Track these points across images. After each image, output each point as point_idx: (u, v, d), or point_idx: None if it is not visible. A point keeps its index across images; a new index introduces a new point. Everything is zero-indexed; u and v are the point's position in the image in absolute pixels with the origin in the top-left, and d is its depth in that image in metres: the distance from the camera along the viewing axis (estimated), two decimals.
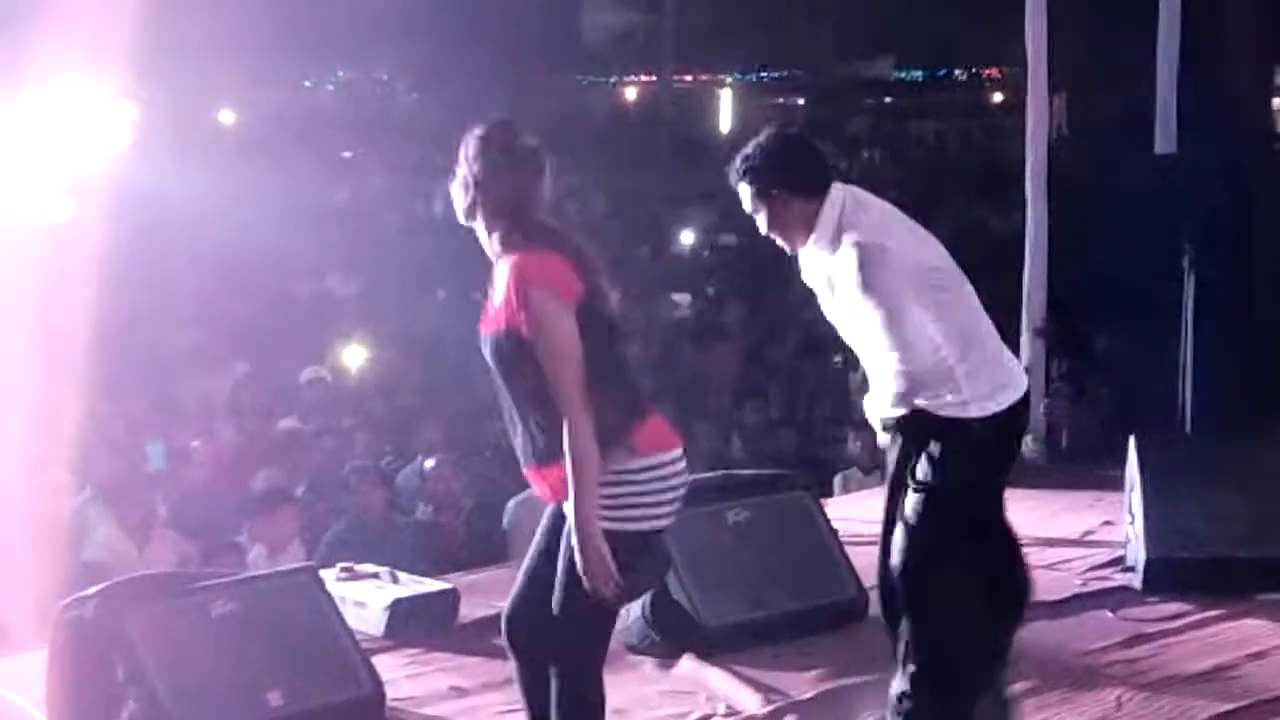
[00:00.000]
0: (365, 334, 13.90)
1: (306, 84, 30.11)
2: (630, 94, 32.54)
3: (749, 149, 5.55)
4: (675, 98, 30.39)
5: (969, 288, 5.61)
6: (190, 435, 11.49)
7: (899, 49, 30.88)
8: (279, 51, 23.67)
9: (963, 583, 5.53)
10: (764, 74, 32.59)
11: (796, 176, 5.52)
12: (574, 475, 4.79)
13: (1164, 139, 11.16)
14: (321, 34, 24.00)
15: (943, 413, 5.47)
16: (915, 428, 5.53)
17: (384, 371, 13.56)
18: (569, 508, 4.85)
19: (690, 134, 28.68)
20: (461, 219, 5.05)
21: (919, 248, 5.54)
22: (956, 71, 31.70)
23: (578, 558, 4.83)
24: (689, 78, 31.52)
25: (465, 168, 5.01)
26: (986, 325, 5.59)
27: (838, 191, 5.51)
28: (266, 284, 15.53)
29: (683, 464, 5.01)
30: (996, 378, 5.53)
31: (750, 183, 5.53)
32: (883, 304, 5.37)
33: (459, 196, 5.03)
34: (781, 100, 33.11)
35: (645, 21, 29.03)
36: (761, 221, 5.59)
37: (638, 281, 14.90)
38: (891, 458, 5.70)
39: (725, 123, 32.19)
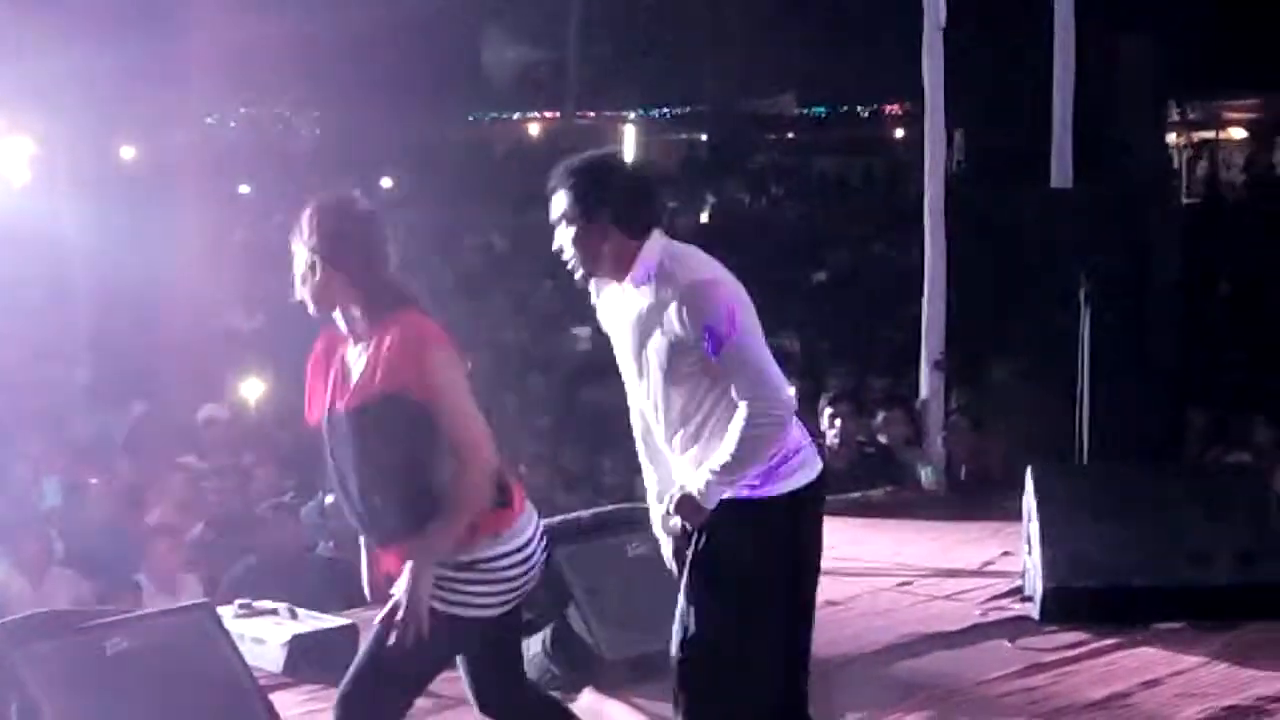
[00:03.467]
0: (265, 369, 13.82)
1: (209, 120, 29.92)
2: (533, 130, 32.55)
3: (581, 162, 5.12)
4: (578, 134, 30.41)
5: None
6: (87, 473, 11.37)
7: (801, 86, 31.02)
8: (182, 87, 23.52)
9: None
10: (667, 110, 32.65)
11: (629, 209, 5.07)
12: (447, 522, 4.69)
13: (1059, 174, 11.29)
14: (225, 69, 23.88)
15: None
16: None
17: (285, 407, 13.48)
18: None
19: None
20: (313, 308, 4.85)
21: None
22: (859, 108, 31.85)
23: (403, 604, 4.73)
24: (592, 114, 31.55)
25: (306, 249, 4.81)
26: None
27: (659, 236, 5.09)
28: (166, 320, 15.41)
29: (538, 542, 4.90)
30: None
31: (575, 200, 5.05)
32: (740, 344, 4.97)
33: (306, 283, 4.84)
34: (684, 135, 33.19)
35: (547, 58, 29.05)
36: (566, 239, 5.09)
37: (540, 316, 14.90)
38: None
39: (628, 158, 32.24)
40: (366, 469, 4.78)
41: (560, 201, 5.08)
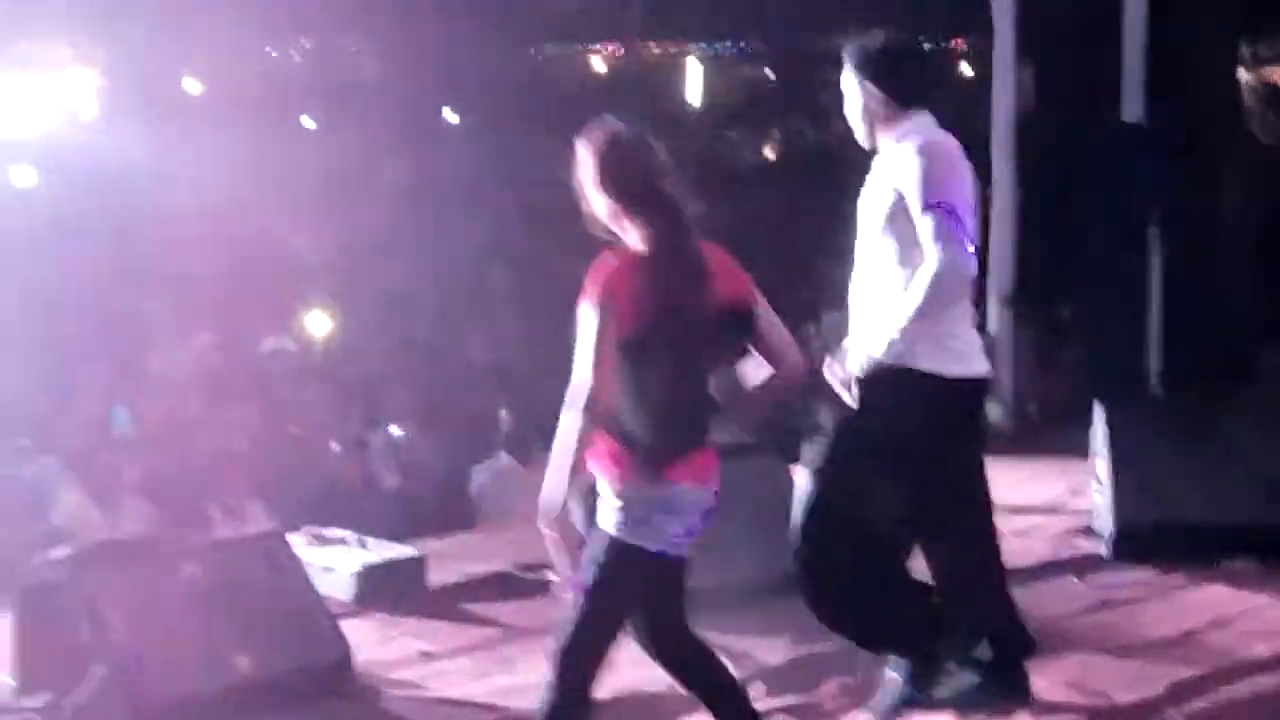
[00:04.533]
0: (333, 300, 13.86)
1: (271, 52, 29.90)
2: (597, 64, 32.41)
3: (870, 40, 5.75)
4: (643, 68, 30.31)
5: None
6: (157, 402, 11.44)
7: (865, 22, 30.81)
8: (243, 18, 23.51)
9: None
10: (732, 45, 32.48)
11: (895, 80, 5.64)
12: None
13: (1130, 108, 11.18)
14: (287, 4, 23.87)
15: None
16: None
17: (351, 338, 13.54)
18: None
19: (659, 104, 28.59)
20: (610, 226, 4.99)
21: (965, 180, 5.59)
22: (925, 44, 31.60)
23: None
24: (656, 48, 31.41)
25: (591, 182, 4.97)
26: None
27: (927, 116, 5.62)
28: (232, 253, 15.46)
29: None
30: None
31: (857, 67, 5.70)
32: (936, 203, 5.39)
33: (599, 210, 4.98)
34: (749, 72, 33.01)
35: None
36: (852, 107, 5.74)
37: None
38: None
39: (694, 93, 32.12)
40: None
41: (846, 72, 5.82)
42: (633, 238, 4.91)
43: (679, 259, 4.87)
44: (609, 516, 4.83)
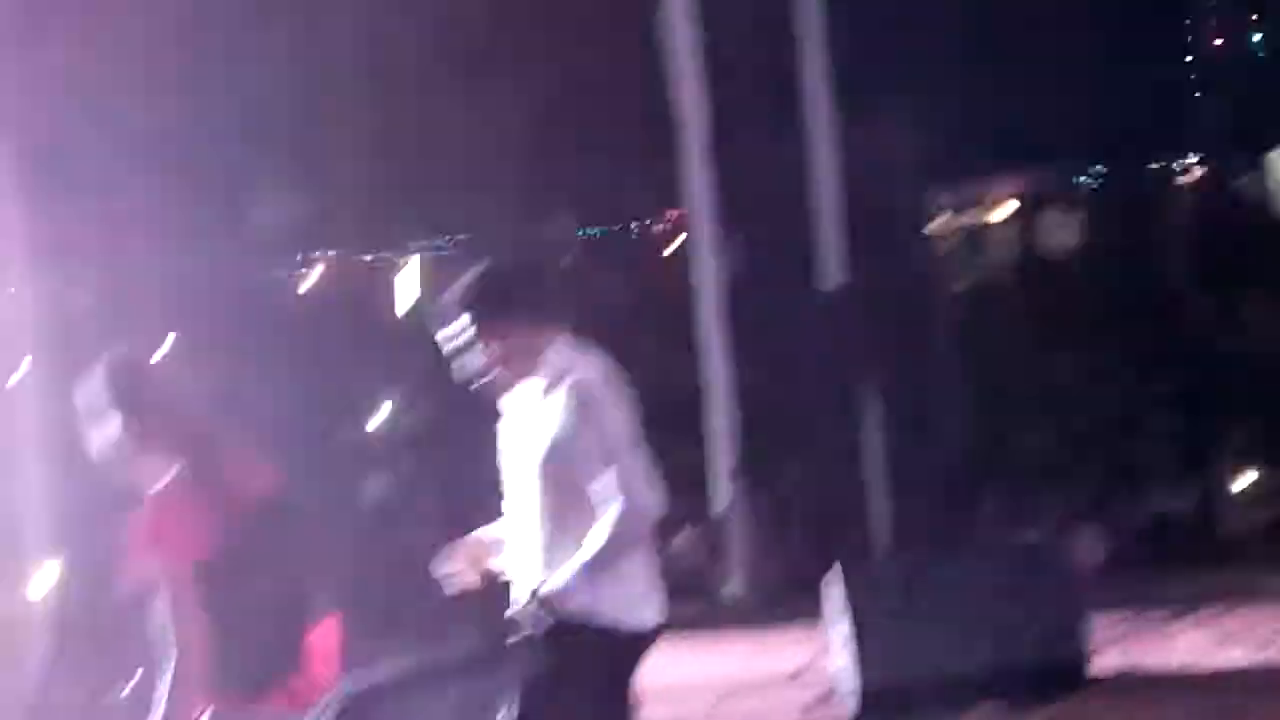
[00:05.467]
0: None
1: None
2: (312, 279, 32.23)
3: (467, 279, 5.15)
4: (364, 273, 30.21)
5: None
6: None
7: (576, 205, 31.12)
8: None
9: None
10: (449, 239, 32.53)
11: (524, 306, 5.14)
12: None
13: (833, 273, 11.38)
14: None
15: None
16: None
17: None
18: None
19: (373, 311, 28.45)
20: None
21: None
22: (633, 223, 32.03)
23: None
24: (372, 255, 31.33)
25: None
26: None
27: (561, 331, 5.14)
28: None
29: None
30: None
31: (474, 315, 5.09)
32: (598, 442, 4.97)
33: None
34: (469, 266, 33.08)
35: (316, 205, 28.87)
36: (479, 356, 5.12)
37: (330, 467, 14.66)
38: None
39: (412, 297, 32.04)
40: None
41: (456, 327, 5.13)
42: (148, 467, 4.80)
43: (209, 468, 4.78)
44: None
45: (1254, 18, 18.90)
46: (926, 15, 12.01)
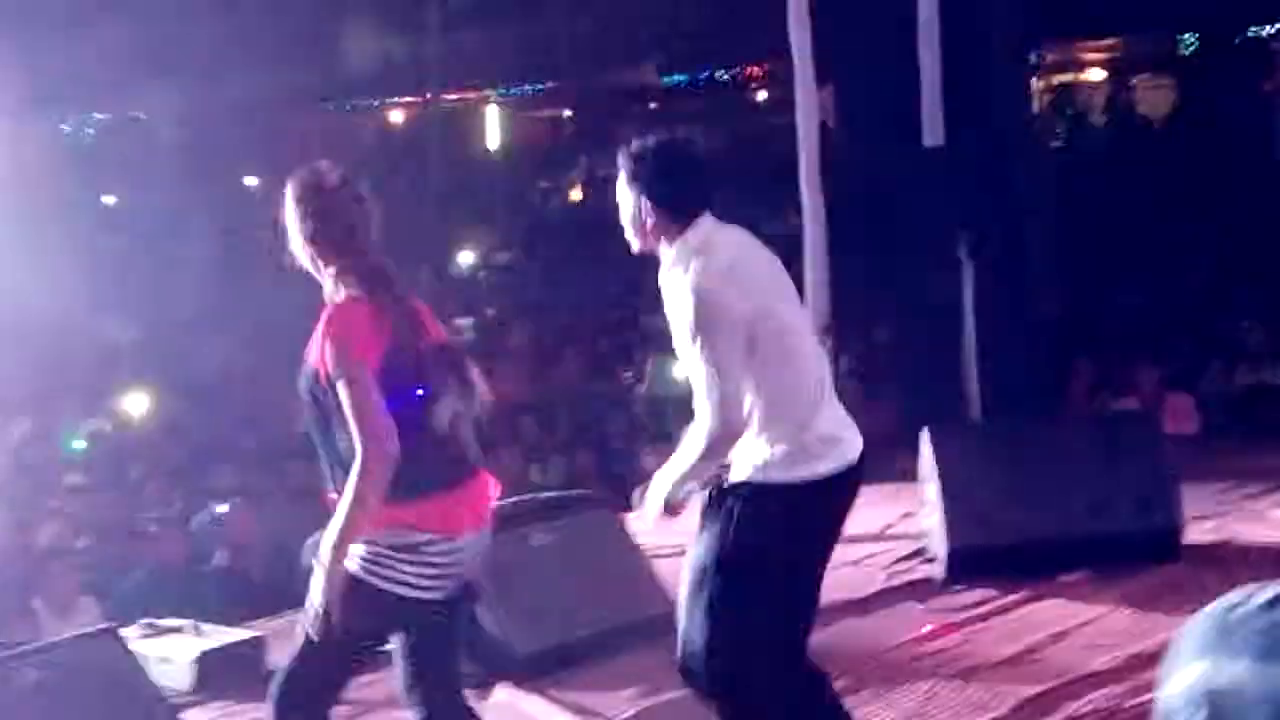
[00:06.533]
0: (147, 381, 13.65)
1: (65, 127, 29.48)
2: (396, 118, 32.34)
3: (640, 145, 5.24)
4: (442, 118, 30.28)
5: (806, 340, 5.29)
6: None
7: (660, 53, 31.03)
8: (33, 94, 23.14)
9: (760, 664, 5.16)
10: (528, 87, 32.55)
11: (668, 190, 5.18)
12: (347, 501, 4.73)
13: (931, 132, 11.30)
14: (74, 74, 23.52)
15: (744, 475, 5.12)
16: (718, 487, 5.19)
17: (170, 418, 13.32)
18: None
19: (460, 154, 28.58)
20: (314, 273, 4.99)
21: (760, 294, 5.13)
22: (719, 72, 31.90)
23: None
24: (454, 97, 31.39)
25: (290, 223, 4.95)
26: (812, 387, 5.16)
27: (704, 221, 5.14)
28: (40, 336, 15.17)
29: (452, 554, 4.88)
30: (808, 445, 5.12)
31: (629, 179, 5.23)
32: (706, 358, 5.00)
33: (297, 251, 4.97)
34: (549, 113, 33.12)
35: (407, 43, 28.84)
36: (625, 213, 5.27)
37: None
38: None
39: (493, 140, 32.15)
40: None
41: (621, 183, 5.26)
42: (329, 284, 4.91)
43: (390, 299, 4.86)
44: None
45: None
46: None
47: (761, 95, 30.39)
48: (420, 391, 4.85)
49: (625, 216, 5.24)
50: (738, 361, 5.00)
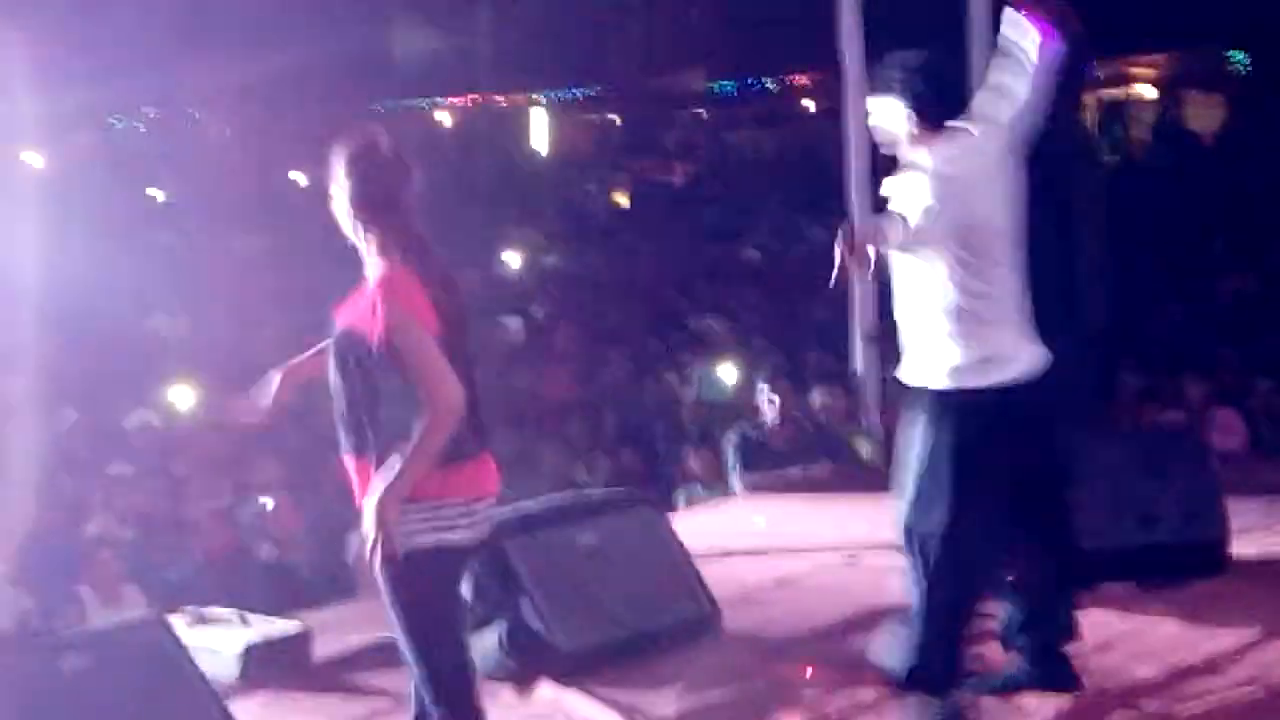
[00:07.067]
0: (194, 373, 13.70)
1: (115, 122, 29.63)
2: (444, 118, 32.41)
3: (903, 58, 5.97)
4: (491, 118, 30.37)
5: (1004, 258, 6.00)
6: (21, 488, 11.23)
7: (707, 60, 31.07)
8: (84, 88, 23.27)
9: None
10: (577, 91, 32.60)
11: (934, 101, 5.90)
12: (404, 460, 4.88)
13: None
14: (126, 69, 23.64)
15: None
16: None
17: (217, 410, 13.35)
18: None
19: (507, 155, 28.64)
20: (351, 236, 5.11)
21: (981, 202, 5.88)
22: (766, 80, 31.92)
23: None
24: (502, 98, 31.47)
25: (338, 188, 5.07)
26: (1002, 298, 5.99)
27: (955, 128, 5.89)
28: (89, 328, 15.27)
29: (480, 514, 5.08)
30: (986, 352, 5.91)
31: (899, 92, 5.90)
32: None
33: (339, 214, 5.10)
34: (596, 116, 33.17)
35: (457, 43, 28.93)
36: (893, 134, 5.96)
37: (471, 305, 14.78)
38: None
39: (541, 142, 32.19)
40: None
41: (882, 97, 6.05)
42: (370, 248, 5.02)
43: (436, 266, 5.02)
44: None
45: None
46: None
47: (808, 103, 30.37)
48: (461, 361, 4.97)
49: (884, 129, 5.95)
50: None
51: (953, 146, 5.86)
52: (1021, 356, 6.04)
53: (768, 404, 10.87)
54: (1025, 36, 6.04)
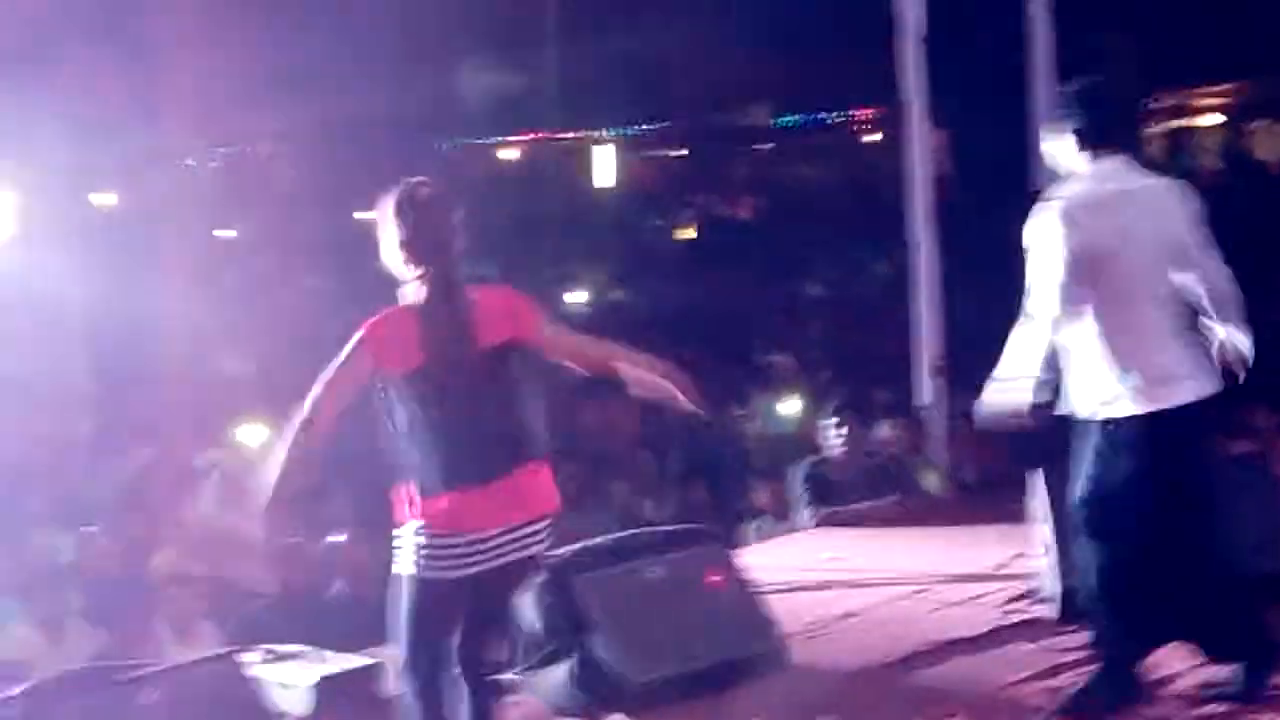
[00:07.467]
0: (264, 413, 13.82)
1: (189, 162, 29.84)
2: (508, 154, 32.52)
3: (1084, 85, 6.40)
4: (557, 155, 30.45)
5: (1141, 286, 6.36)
6: (96, 524, 11.37)
7: (771, 95, 31.11)
8: (156, 129, 23.50)
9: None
10: (643, 126, 32.67)
11: (1093, 126, 6.29)
12: None
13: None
14: (198, 109, 23.84)
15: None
16: None
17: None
18: None
19: (574, 191, 28.75)
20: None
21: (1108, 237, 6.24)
22: (827, 115, 31.94)
23: None
24: (568, 134, 31.56)
25: (386, 231, 5.63)
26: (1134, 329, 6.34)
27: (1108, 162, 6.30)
28: (160, 368, 15.42)
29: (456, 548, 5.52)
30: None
31: (1066, 116, 6.33)
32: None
33: (387, 257, 5.65)
34: (662, 152, 33.24)
35: (524, 81, 29.06)
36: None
37: None
38: None
39: (608, 178, 32.26)
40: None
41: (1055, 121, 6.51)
42: (410, 287, 5.56)
43: (445, 307, 5.48)
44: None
45: None
46: None
47: (871, 138, 30.38)
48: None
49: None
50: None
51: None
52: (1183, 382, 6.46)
53: (835, 437, 10.90)
54: None
